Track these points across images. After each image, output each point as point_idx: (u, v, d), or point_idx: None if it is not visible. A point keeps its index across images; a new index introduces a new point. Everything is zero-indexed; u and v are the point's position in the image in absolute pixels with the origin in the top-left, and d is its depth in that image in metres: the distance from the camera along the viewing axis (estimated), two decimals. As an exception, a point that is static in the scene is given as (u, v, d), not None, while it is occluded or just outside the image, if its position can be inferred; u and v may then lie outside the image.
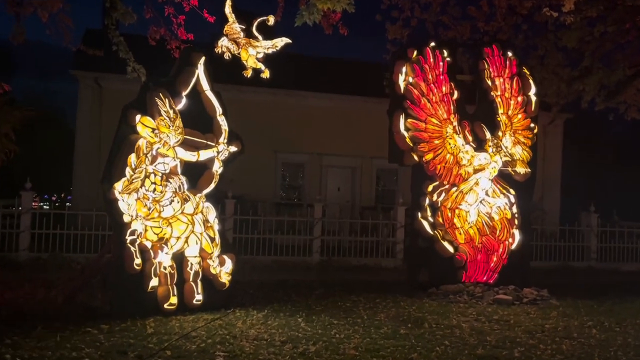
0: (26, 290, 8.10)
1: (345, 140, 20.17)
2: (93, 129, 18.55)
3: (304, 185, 21.20)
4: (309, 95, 20.08)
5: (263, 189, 19.42)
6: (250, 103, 18.88)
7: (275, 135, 19.55)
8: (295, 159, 20.99)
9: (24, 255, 11.09)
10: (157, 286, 6.77)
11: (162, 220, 6.81)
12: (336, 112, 20.24)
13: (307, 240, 13.25)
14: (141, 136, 6.66)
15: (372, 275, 11.75)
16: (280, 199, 20.79)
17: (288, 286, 9.63)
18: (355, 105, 20.29)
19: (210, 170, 7.57)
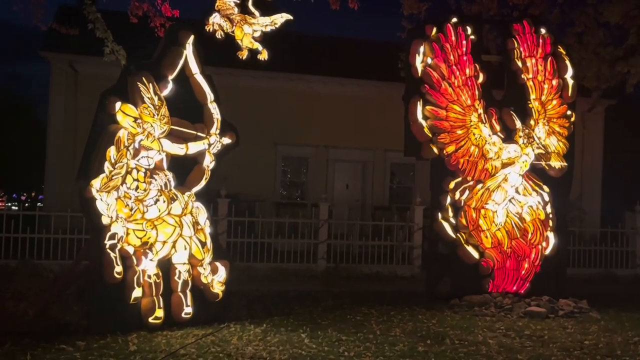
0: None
1: (355, 131, 20.17)
2: (68, 120, 18.62)
3: (307, 182, 21.22)
4: (314, 79, 20.07)
5: (261, 186, 19.46)
6: (246, 89, 18.90)
7: (275, 126, 19.57)
8: (298, 152, 21.01)
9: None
10: (140, 297, 6.78)
11: (146, 222, 6.82)
12: (344, 98, 20.23)
13: (311, 245, 13.25)
14: (122, 126, 6.66)
15: (385, 285, 11.75)
16: (280, 198, 20.83)
17: (290, 297, 9.63)
18: (366, 90, 20.27)
19: (201, 166, 7.58)
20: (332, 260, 13.10)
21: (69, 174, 17.29)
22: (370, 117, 20.07)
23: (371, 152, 20.99)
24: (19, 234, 11.57)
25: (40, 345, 6.02)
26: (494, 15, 12.14)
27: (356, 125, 20.17)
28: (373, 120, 19.94)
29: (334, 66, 20.11)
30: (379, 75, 19.24)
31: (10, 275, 10.59)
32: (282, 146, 20.62)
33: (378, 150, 20.84)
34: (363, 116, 20.16)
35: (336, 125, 20.14)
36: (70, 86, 18.91)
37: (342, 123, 20.12)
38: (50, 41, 17.56)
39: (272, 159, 20.51)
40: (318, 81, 20.14)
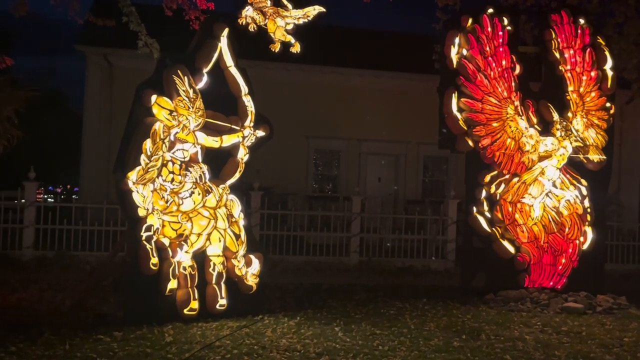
0: (31, 293, 8.31)
1: (388, 124, 20.09)
2: (103, 112, 18.89)
3: (340, 175, 21.22)
4: (347, 72, 20.02)
5: (293, 179, 19.52)
6: (279, 81, 18.95)
7: (308, 119, 19.59)
8: (330, 145, 21.01)
9: (28, 254, 11.35)
10: (175, 289, 6.86)
11: (181, 214, 6.89)
12: (377, 91, 20.16)
13: (343, 239, 13.24)
14: (157, 119, 6.72)
15: (419, 279, 11.70)
16: (312, 191, 20.87)
17: (323, 290, 9.65)
18: (399, 83, 20.17)
19: (235, 158, 7.62)
20: (364, 253, 13.07)
21: (104, 166, 17.60)
22: (403, 110, 19.96)
23: (404, 145, 20.89)
24: (56, 226, 11.75)
25: (78, 335, 6.13)
26: (531, 5, 11.93)
27: (389, 118, 20.09)
28: (406, 113, 19.84)
29: (367, 59, 20.03)
30: (412, 67, 19.12)
31: (48, 267, 10.83)
32: (315, 139, 20.63)
33: (411, 143, 20.74)
34: (396, 109, 20.06)
35: (369, 118, 20.08)
36: (105, 79, 19.18)
37: (375, 116, 20.05)
38: (85, 35, 17.82)
39: (304, 152, 20.54)
40: (351, 74, 20.08)
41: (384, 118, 20.08)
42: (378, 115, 20.06)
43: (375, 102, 20.07)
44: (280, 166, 18.43)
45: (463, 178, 9.84)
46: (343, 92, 20.04)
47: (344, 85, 20.11)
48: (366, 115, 20.05)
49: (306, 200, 18.77)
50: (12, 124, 7.30)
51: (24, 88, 7.50)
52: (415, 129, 19.48)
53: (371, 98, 20.07)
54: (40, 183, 12.25)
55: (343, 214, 13.59)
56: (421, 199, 20.01)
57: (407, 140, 20.58)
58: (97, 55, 18.98)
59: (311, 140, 20.59)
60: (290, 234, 12.89)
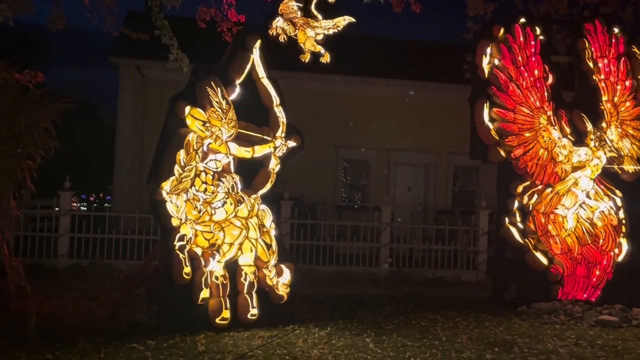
0: (66, 301, 8.41)
1: (418, 134, 19.99)
2: (135, 123, 19.12)
3: (369, 185, 21.16)
4: (376, 81, 19.98)
5: (323, 189, 19.51)
6: (309, 91, 18.99)
7: (337, 129, 19.57)
8: (360, 155, 20.96)
9: (63, 262, 11.52)
10: (208, 298, 6.91)
11: (214, 224, 6.95)
12: (407, 101, 20.09)
13: (373, 249, 13.20)
14: (191, 130, 6.80)
15: (450, 290, 11.60)
16: (342, 201, 20.83)
17: (353, 301, 9.63)
18: (428, 93, 20.08)
19: (267, 169, 7.66)
20: (394, 264, 13.01)
21: (136, 175, 17.84)
22: (432, 120, 19.85)
23: (433, 155, 20.75)
24: (90, 234, 11.92)
25: (113, 343, 6.21)
26: (563, 14, 11.83)
27: (418, 128, 19.99)
28: (436, 123, 19.72)
29: (396, 68, 19.98)
30: (442, 77, 19.03)
31: (82, 275, 10.96)
32: (344, 149, 20.60)
33: (441, 153, 20.59)
34: (425, 119, 19.96)
35: (398, 128, 20.00)
36: (137, 90, 19.42)
37: (404, 126, 19.97)
38: (119, 46, 18.08)
39: (333, 161, 20.51)
40: (380, 83, 20.03)
41: (414, 128, 19.98)
42: (407, 125, 19.97)
43: (404, 112, 19.99)
44: (309, 176, 18.42)
45: (494, 188, 9.76)
46: (372, 102, 19.99)
47: (373, 95, 20.08)
48: (395, 125, 19.98)
49: (335, 209, 18.74)
50: (49, 135, 7.44)
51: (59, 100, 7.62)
52: (445, 138, 19.35)
53: (400, 108, 19.99)
54: (73, 192, 12.43)
55: (372, 224, 13.54)
56: (451, 209, 19.83)
57: (437, 150, 20.44)
58: (130, 66, 19.24)
59: (340, 150, 20.57)
60: (319, 243, 12.89)
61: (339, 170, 20.96)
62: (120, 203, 18.45)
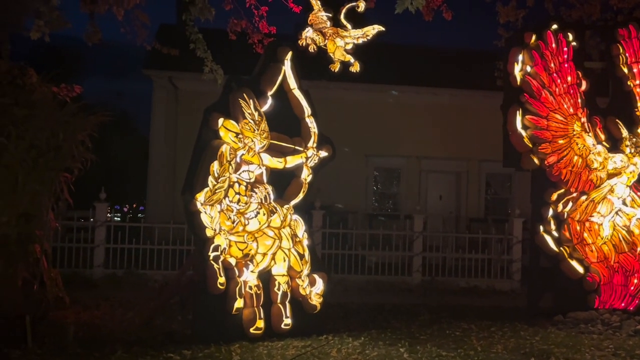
0: (103, 311, 8.57)
1: (449, 142, 19.90)
2: (168, 134, 19.38)
3: (400, 193, 21.12)
4: (407, 89, 19.97)
5: (353, 198, 19.52)
6: (339, 101, 19.04)
7: (367, 137, 19.59)
8: (390, 163, 20.96)
9: (99, 272, 11.71)
10: (242, 308, 6.95)
11: (247, 234, 7.00)
12: (437, 108, 20.02)
13: (405, 258, 13.15)
14: (224, 142, 6.88)
15: (484, 300, 11.49)
16: (372, 210, 20.82)
17: (386, 310, 9.60)
18: (459, 100, 20.00)
19: (299, 179, 7.70)
20: (427, 273, 12.94)
21: (169, 186, 18.07)
22: (464, 127, 19.73)
23: (465, 163, 20.63)
24: (125, 245, 12.08)
25: (149, 353, 6.28)
26: (596, 20, 11.68)
27: (449, 136, 19.89)
28: (467, 130, 19.61)
29: (427, 76, 19.93)
30: (473, 84, 18.93)
31: (117, 285, 11.13)
32: (374, 157, 20.61)
33: (472, 160, 20.46)
34: (457, 126, 19.86)
35: (429, 135, 19.93)
36: (171, 102, 19.69)
37: (435, 133, 19.89)
38: (152, 59, 18.33)
39: (363, 170, 20.52)
40: (410, 91, 20.02)
41: (445, 135, 19.88)
42: (438, 132, 19.88)
43: (435, 120, 19.92)
44: (340, 185, 18.43)
45: (527, 196, 9.66)
46: (402, 109, 19.98)
47: (404, 103, 20.06)
48: (426, 132, 19.91)
49: (366, 218, 18.74)
50: (86, 148, 7.58)
51: (95, 113, 7.76)
52: (477, 146, 19.23)
53: (431, 115, 19.94)
54: (108, 204, 12.63)
55: (404, 232, 13.50)
56: (484, 217, 19.68)
57: (469, 157, 20.31)
58: (163, 78, 19.51)
59: (371, 159, 20.57)
60: (351, 252, 12.89)
61: (370, 178, 20.97)
62: (153, 213, 18.70)
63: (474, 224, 18.36)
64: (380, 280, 12.45)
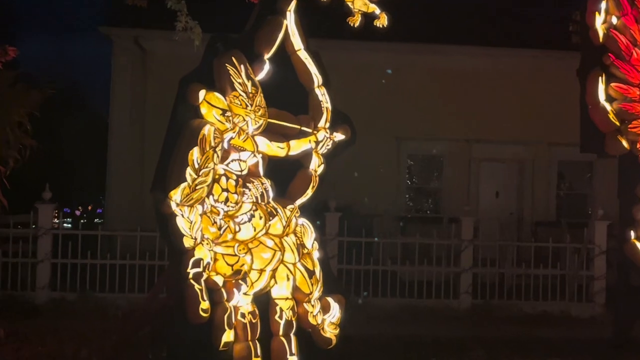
0: (49, 347, 8.62)
1: (508, 120, 19.85)
2: (135, 112, 19.42)
3: (443, 189, 21.11)
4: (451, 50, 19.91)
5: (380, 195, 19.50)
6: (360, 66, 19.06)
7: (398, 115, 19.57)
8: (429, 149, 20.94)
9: (44, 296, 11.75)
10: (232, 342, 6.95)
11: (239, 244, 6.99)
12: (493, 75, 19.97)
13: (450, 275, 13.14)
14: (207, 121, 6.86)
15: (555, 329, 11.47)
16: (406, 211, 20.82)
17: (424, 345, 9.61)
18: (522, 63, 19.92)
19: (306, 170, 7.68)
20: (479, 295, 12.93)
21: (136, 182, 18.12)
22: (529, 101, 19.67)
23: (531, 148, 20.57)
24: (78, 260, 12.11)
25: (110, 402, 6.32)
26: None
27: (510, 112, 19.84)
28: (533, 105, 19.54)
29: (477, 33, 19.85)
30: (540, 42, 18.86)
31: (68, 313, 11.17)
32: (408, 142, 20.59)
33: (540, 144, 20.39)
34: (519, 99, 19.79)
35: (482, 112, 19.88)
36: (137, 70, 19.71)
37: (490, 109, 19.84)
38: (112, 14, 18.41)
39: (394, 158, 20.51)
40: (457, 52, 19.95)
41: (503, 111, 19.83)
42: (495, 107, 19.83)
43: (490, 91, 19.86)
44: (363, 178, 18.46)
45: (613, 191, 9.64)
46: (446, 77, 19.91)
47: (448, 69, 20.00)
48: (478, 108, 19.85)
49: (398, 222, 18.74)
50: (24, 131, 7.61)
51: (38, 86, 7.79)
52: (547, 125, 19.17)
53: (485, 85, 19.88)
54: (55, 205, 12.63)
55: (449, 241, 13.47)
56: (555, 220, 19.61)
57: (535, 140, 20.24)
58: (126, 39, 19.52)
59: (403, 143, 20.55)
60: (378, 268, 12.89)
61: (402, 170, 20.97)
62: (115, 218, 18.78)
63: (542, 229, 18.34)
64: (416, 305, 12.47)
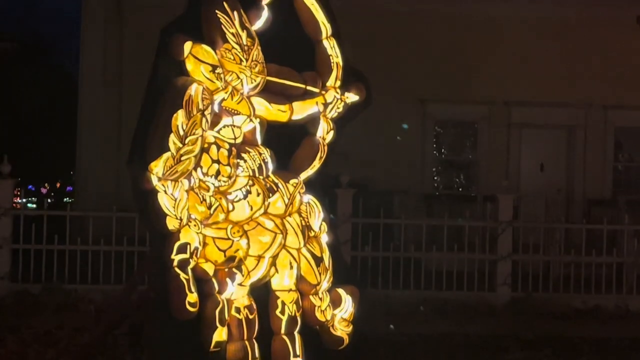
0: (10, 347, 8.66)
1: (555, 77, 19.77)
2: (109, 71, 19.39)
3: (477, 161, 21.08)
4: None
5: (401, 169, 19.51)
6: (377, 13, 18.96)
7: (423, 73, 19.53)
8: (460, 114, 20.91)
9: (3, 288, 11.81)
10: (225, 342, 6.99)
11: (232, 226, 7.01)
12: (536, 25, 19.88)
13: (485, 263, 13.14)
14: (194, 79, 6.85)
15: (611, 327, 11.51)
16: (433, 188, 20.80)
17: (454, 345, 9.68)
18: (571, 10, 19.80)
19: (313, 138, 7.66)
20: (520, 287, 12.95)
21: (111, 153, 18.13)
22: (579, 54, 19.58)
23: (581, 112, 20.50)
24: (43, 245, 12.16)
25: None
26: None
27: (556, 69, 19.75)
28: (584, 60, 19.45)
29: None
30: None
31: (32, 307, 11.22)
32: (435, 105, 20.55)
33: (593, 107, 20.31)
34: (567, 53, 19.70)
35: (523, 69, 19.81)
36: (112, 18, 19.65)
37: (533, 65, 19.76)
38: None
39: (418, 125, 20.49)
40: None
41: (549, 68, 19.74)
42: (538, 63, 19.74)
43: (532, 43, 19.76)
44: (380, 149, 18.45)
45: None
46: (479, 27, 19.83)
47: (483, 17, 19.91)
48: (519, 64, 19.77)
49: (423, 201, 18.75)
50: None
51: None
52: (601, 84, 19.06)
53: (526, 36, 19.77)
54: (16, 180, 12.65)
55: (484, 223, 13.48)
56: (612, 199, 19.59)
57: (587, 101, 20.15)
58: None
59: (430, 107, 20.51)
60: (399, 255, 12.91)
61: (428, 138, 20.95)
62: (87, 197, 18.83)
63: (597, 208, 18.31)
64: (445, 299, 12.48)
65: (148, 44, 7.28)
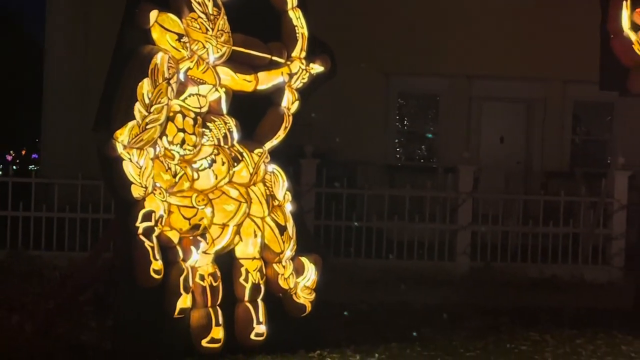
0: (-26, 314, 8.59)
1: (516, 51, 19.78)
2: (76, 38, 19.16)
3: (439, 133, 21.10)
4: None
5: (365, 140, 19.46)
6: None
7: (387, 45, 19.44)
8: (424, 86, 20.89)
9: (-33, 255, 11.74)
10: (189, 309, 6.98)
11: (197, 194, 6.98)
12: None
13: (446, 233, 13.19)
14: (160, 48, 6.79)
15: (566, 296, 11.58)
16: (395, 159, 20.81)
17: (414, 313, 9.71)
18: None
19: (278, 108, 7.66)
20: (479, 256, 13.02)
21: (77, 120, 17.94)
22: (539, 29, 19.59)
23: (541, 85, 20.57)
24: (8, 211, 12.08)
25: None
26: None
27: (517, 42, 19.76)
28: (545, 34, 19.46)
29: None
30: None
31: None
32: (399, 77, 20.52)
33: (553, 81, 20.39)
34: (528, 27, 19.71)
35: (485, 42, 19.77)
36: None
37: (495, 38, 19.74)
38: None
39: (382, 96, 20.45)
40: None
41: (510, 42, 19.74)
42: (500, 37, 19.73)
43: (494, 17, 19.74)
44: (344, 120, 18.41)
45: (637, 136, 9.67)
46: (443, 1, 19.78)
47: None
48: (481, 38, 19.76)
49: (386, 172, 18.77)
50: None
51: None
52: (561, 58, 19.10)
53: (489, 10, 19.75)
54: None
55: (445, 194, 13.51)
56: (569, 171, 19.72)
57: (547, 76, 20.21)
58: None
59: (393, 79, 20.49)
60: (362, 225, 12.92)
61: (392, 110, 20.93)
62: (53, 163, 18.65)
63: (554, 180, 18.44)
64: (406, 268, 12.53)
65: (115, 12, 7.20)
